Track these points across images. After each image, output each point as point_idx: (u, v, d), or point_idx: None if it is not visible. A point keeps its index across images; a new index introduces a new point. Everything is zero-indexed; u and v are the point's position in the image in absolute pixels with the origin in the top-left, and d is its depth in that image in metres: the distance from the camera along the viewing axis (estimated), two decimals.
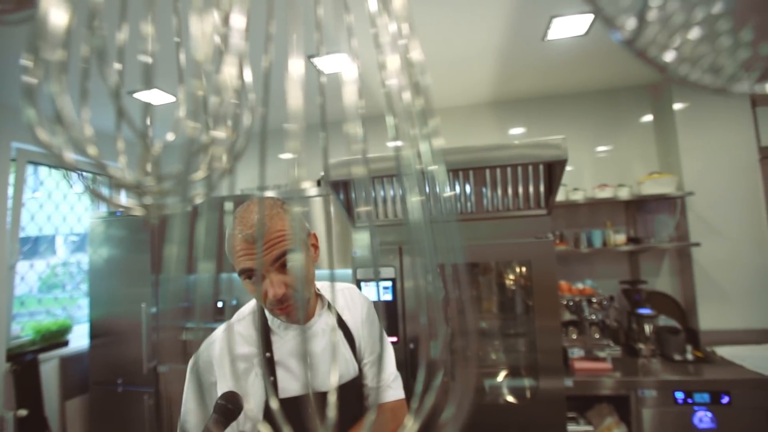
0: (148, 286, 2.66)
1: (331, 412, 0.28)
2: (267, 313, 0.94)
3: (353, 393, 0.99)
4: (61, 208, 3.05)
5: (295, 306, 0.87)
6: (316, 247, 0.96)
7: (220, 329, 0.97)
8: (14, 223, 2.62)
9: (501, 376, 2.24)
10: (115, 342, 2.71)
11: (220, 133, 0.25)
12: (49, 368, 2.65)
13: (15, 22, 0.30)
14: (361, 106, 0.30)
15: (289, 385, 0.90)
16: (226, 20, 0.26)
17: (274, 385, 0.89)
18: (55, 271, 3.03)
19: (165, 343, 2.72)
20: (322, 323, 0.98)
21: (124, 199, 0.26)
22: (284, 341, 0.93)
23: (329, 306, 1.01)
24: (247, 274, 0.83)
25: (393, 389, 1.03)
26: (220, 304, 2.98)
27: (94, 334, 2.77)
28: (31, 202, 2.87)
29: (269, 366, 0.90)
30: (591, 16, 1.94)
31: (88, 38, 0.26)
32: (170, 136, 0.28)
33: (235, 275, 0.87)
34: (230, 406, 0.74)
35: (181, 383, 2.90)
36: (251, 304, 0.99)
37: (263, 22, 0.32)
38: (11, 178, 2.60)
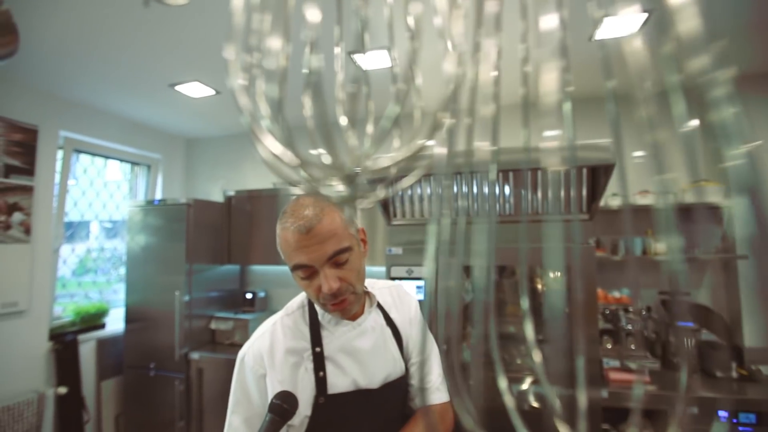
0: (183, 274, 2.73)
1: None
2: (317, 308, 0.94)
3: (400, 392, 0.98)
4: (101, 195, 3.16)
5: (350, 301, 0.86)
6: (365, 241, 0.95)
7: (269, 322, 0.97)
8: (59, 208, 2.74)
9: (527, 383, 2.20)
10: (148, 327, 2.79)
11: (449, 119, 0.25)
12: (86, 349, 2.75)
13: None
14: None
15: (339, 380, 0.89)
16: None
17: (324, 380, 0.88)
18: (91, 255, 3.15)
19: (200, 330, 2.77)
20: (371, 320, 0.97)
21: (335, 187, 0.25)
22: (334, 337, 0.93)
23: (378, 304, 1.01)
24: (302, 269, 0.82)
25: (440, 391, 1.01)
26: (249, 296, 3.03)
27: (129, 319, 2.86)
28: (74, 188, 2.98)
29: (319, 361, 0.90)
30: (643, 15, 1.87)
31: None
32: (370, 128, 0.27)
33: (262, 267, 0.86)
34: (286, 406, 0.74)
35: (211, 371, 2.93)
36: (300, 299, 0.99)
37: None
38: (58, 165, 2.71)
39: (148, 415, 2.77)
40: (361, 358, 0.93)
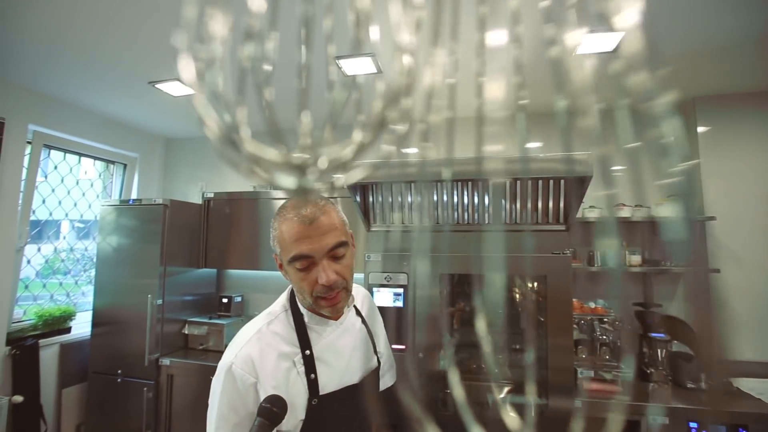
0: (156, 277, 2.64)
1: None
2: (302, 309, 0.93)
3: (374, 380, 1.02)
4: (72, 193, 3.04)
5: (341, 297, 0.87)
6: (353, 245, 0.96)
7: (254, 328, 0.91)
8: (25, 205, 2.62)
9: (504, 392, 2.19)
10: (117, 332, 2.68)
11: (401, 127, 0.23)
12: (48, 354, 2.62)
13: None
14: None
15: (328, 381, 0.90)
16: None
17: (315, 382, 0.88)
18: (61, 256, 3.01)
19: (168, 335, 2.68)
20: (351, 319, 1.00)
21: (285, 179, 0.24)
22: (321, 337, 0.93)
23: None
24: (301, 260, 0.83)
25: (391, 374, 1.11)
26: (225, 300, 2.95)
27: (96, 323, 2.74)
28: (43, 186, 2.86)
29: (309, 364, 0.88)
30: (621, 34, 1.92)
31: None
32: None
33: (239, 272, 0.85)
34: (276, 409, 0.73)
35: (182, 377, 2.83)
36: (281, 302, 0.97)
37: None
38: (26, 161, 2.60)
39: (112, 424, 2.64)
40: (346, 355, 0.95)
